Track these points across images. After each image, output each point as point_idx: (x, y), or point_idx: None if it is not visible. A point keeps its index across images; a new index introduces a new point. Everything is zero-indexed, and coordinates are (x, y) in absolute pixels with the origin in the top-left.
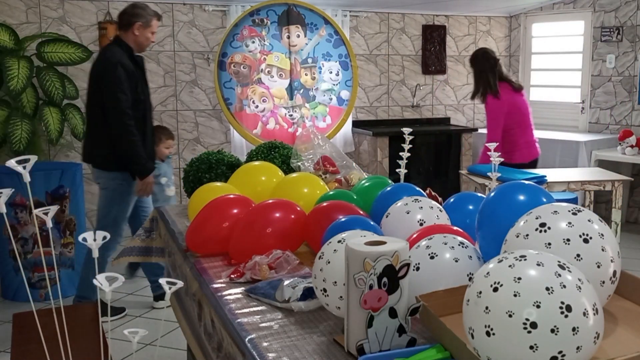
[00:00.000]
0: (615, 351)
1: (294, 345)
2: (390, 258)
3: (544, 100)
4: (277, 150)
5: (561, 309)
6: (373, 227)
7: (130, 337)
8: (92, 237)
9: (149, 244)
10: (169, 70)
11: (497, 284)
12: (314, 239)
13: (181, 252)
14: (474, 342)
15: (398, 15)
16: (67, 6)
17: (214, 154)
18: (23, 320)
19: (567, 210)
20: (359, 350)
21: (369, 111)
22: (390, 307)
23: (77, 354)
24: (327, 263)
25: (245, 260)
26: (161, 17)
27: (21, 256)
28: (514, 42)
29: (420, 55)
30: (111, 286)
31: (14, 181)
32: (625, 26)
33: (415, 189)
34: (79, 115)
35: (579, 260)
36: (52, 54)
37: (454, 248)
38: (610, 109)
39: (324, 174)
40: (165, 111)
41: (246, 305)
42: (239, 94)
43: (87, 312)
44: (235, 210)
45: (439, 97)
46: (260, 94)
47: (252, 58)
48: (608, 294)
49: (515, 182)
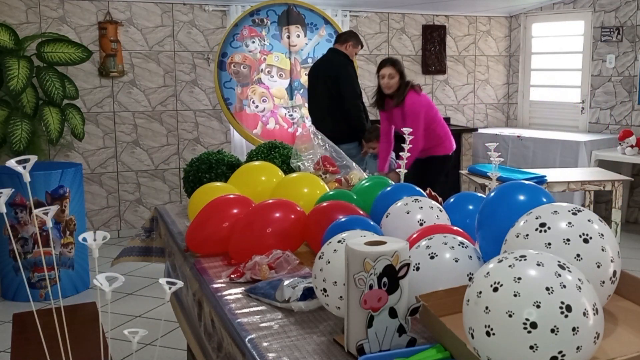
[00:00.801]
0: (615, 351)
1: (294, 345)
2: (390, 258)
3: (544, 100)
4: (277, 150)
5: (561, 309)
6: (373, 227)
7: (130, 337)
8: (92, 237)
9: (149, 244)
10: (169, 70)
11: (497, 284)
12: (314, 239)
13: (181, 252)
14: (474, 342)
15: (398, 15)
16: (67, 6)
17: (214, 154)
18: (23, 320)
19: (567, 210)
20: (359, 350)
21: (369, 111)
22: (390, 307)
23: (77, 354)
24: (327, 263)
25: (245, 260)
26: (362, 45)
27: (21, 256)
28: (514, 42)
29: (420, 55)
30: (111, 286)
31: (14, 181)
32: (625, 26)
33: (415, 189)
34: (79, 115)
35: (579, 260)
36: (52, 54)
37: (454, 248)
38: (610, 109)
39: (324, 174)
40: (165, 111)
41: (246, 305)
42: (239, 94)
43: (87, 312)
44: (235, 210)
45: (439, 97)
46: (260, 94)
47: (252, 58)
48: (608, 294)
49: (515, 182)
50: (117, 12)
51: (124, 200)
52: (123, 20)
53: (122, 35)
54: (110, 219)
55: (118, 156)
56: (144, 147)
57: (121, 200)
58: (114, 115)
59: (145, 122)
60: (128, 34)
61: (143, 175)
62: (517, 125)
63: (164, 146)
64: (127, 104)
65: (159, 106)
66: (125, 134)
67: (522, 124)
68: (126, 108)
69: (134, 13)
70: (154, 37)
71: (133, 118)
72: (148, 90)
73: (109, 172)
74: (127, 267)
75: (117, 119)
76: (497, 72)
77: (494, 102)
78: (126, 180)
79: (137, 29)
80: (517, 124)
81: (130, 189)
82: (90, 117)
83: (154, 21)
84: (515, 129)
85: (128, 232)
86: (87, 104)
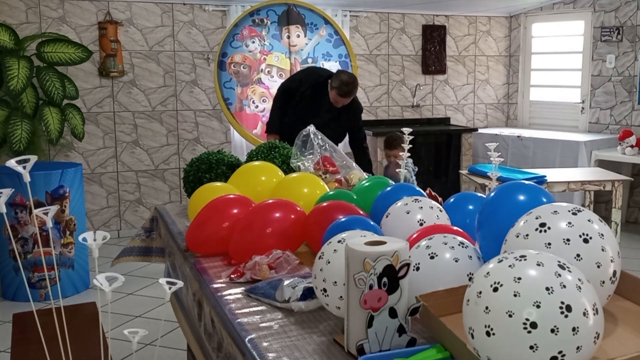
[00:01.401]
0: (615, 351)
1: (294, 345)
2: (390, 258)
3: (544, 100)
4: (277, 150)
5: (561, 309)
6: (373, 227)
7: (130, 337)
8: (92, 237)
9: (149, 244)
10: (169, 70)
11: (497, 284)
12: (314, 239)
13: (181, 252)
14: (474, 342)
15: (398, 15)
16: (67, 6)
17: (214, 154)
18: (23, 320)
19: (567, 210)
20: (359, 350)
21: (369, 111)
22: (390, 307)
23: (77, 354)
24: (327, 263)
25: (245, 260)
26: (346, 94)
27: (21, 256)
28: (514, 42)
29: (420, 55)
30: (111, 286)
31: (14, 181)
32: (625, 26)
33: (415, 189)
34: (79, 115)
35: (579, 260)
36: (52, 54)
37: (454, 248)
38: (610, 109)
39: (324, 174)
40: (165, 111)
41: (246, 305)
42: (239, 94)
43: (87, 312)
44: (235, 210)
45: (439, 97)
46: (260, 94)
47: (252, 58)
48: (608, 294)
49: (515, 182)
50: (117, 12)
51: (124, 200)
52: (123, 20)
53: (122, 35)
54: (110, 219)
55: (118, 156)
56: (144, 147)
57: (121, 200)
58: (114, 115)
59: (145, 122)
60: (128, 34)
61: (143, 175)
62: (517, 125)
63: (164, 146)
64: (127, 104)
65: (159, 106)
66: (125, 134)
67: (522, 124)
68: (126, 108)
69: (134, 13)
70: (154, 37)
71: (133, 118)
72: (148, 90)
73: (109, 172)
74: (127, 267)
75: (117, 119)
76: (497, 72)
77: (494, 102)
78: (126, 180)
79: (137, 29)
80: (517, 124)
81: (130, 189)
82: (90, 117)
83: (154, 21)
84: (515, 129)
85: (128, 232)
86: (87, 104)
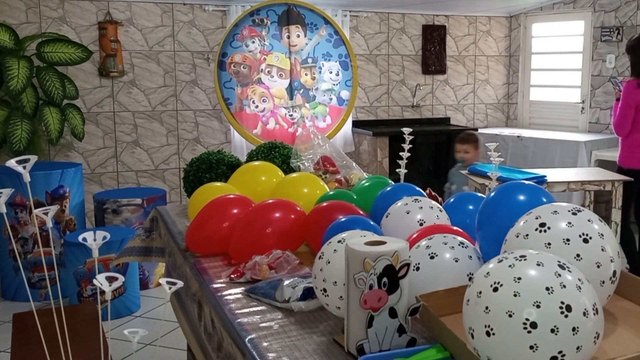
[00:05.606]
0: (615, 351)
1: (294, 345)
2: (390, 258)
3: (544, 100)
4: (277, 150)
5: (561, 309)
6: (373, 227)
7: (130, 337)
8: (92, 237)
9: (149, 244)
10: (169, 70)
11: (497, 284)
12: (314, 239)
13: (181, 252)
14: (474, 342)
15: (398, 15)
16: (67, 6)
17: (214, 154)
18: (23, 320)
19: (567, 210)
20: (359, 350)
21: (369, 111)
22: (390, 307)
23: (77, 354)
24: (327, 263)
25: (245, 260)
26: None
27: (21, 256)
28: (514, 42)
29: (420, 55)
30: (111, 286)
31: (14, 181)
32: (625, 26)
33: (415, 189)
34: (79, 115)
35: (579, 260)
36: (52, 54)
37: (454, 248)
38: (610, 109)
39: (324, 174)
40: (165, 111)
41: (246, 305)
42: (239, 94)
43: (87, 312)
44: (235, 210)
45: (439, 97)
46: (260, 94)
47: (252, 58)
48: (608, 294)
49: (515, 182)
50: (117, 12)
51: None
52: (123, 20)
53: (122, 35)
54: None
55: (118, 156)
56: (144, 147)
57: None
58: (114, 115)
59: (145, 122)
60: (128, 34)
61: (143, 175)
62: (517, 125)
63: (164, 146)
64: (127, 104)
65: (159, 106)
66: (125, 134)
67: (522, 124)
68: (126, 108)
69: (134, 13)
70: (154, 37)
71: (133, 118)
72: (148, 90)
73: (109, 172)
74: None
75: (117, 119)
76: (497, 72)
77: (494, 102)
78: (126, 180)
79: (137, 29)
80: (517, 124)
81: None
82: (90, 117)
83: (154, 21)
84: (515, 129)
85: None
86: (87, 104)
